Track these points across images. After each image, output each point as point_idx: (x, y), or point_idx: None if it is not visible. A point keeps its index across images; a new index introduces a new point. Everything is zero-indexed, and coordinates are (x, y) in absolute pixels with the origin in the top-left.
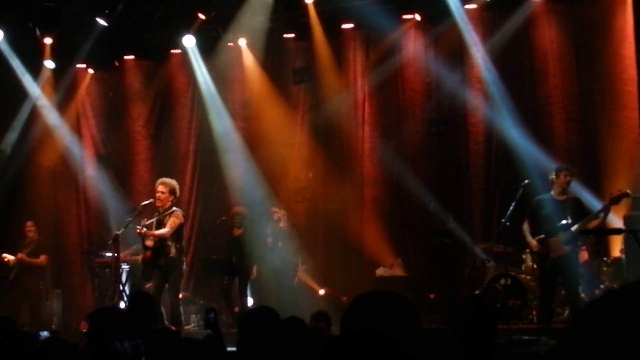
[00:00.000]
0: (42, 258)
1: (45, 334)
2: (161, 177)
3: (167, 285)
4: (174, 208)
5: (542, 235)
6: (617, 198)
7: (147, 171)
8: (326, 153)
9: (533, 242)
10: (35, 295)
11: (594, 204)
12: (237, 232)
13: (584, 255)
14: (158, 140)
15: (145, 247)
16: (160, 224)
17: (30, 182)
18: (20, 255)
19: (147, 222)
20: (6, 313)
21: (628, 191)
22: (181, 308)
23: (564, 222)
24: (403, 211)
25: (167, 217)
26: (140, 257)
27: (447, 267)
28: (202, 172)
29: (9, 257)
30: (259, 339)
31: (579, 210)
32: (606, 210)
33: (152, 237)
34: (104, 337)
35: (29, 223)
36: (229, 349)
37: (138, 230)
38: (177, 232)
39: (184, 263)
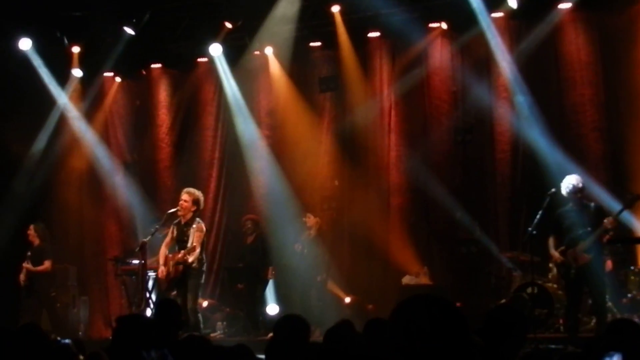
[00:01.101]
0: (46, 264)
1: (67, 342)
2: (185, 185)
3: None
4: (197, 220)
5: (563, 247)
6: (630, 201)
7: (170, 179)
8: (352, 161)
9: (555, 254)
10: (49, 301)
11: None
12: (249, 239)
13: (608, 264)
14: (182, 149)
15: (178, 263)
16: (183, 236)
17: (57, 189)
18: (25, 265)
19: (189, 247)
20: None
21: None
22: (199, 316)
23: (583, 230)
24: (429, 219)
25: (191, 230)
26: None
27: (473, 276)
28: (228, 180)
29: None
30: (290, 348)
31: (599, 218)
32: (619, 215)
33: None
34: (129, 344)
35: (31, 227)
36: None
37: (181, 255)
38: (202, 245)
39: (204, 273)
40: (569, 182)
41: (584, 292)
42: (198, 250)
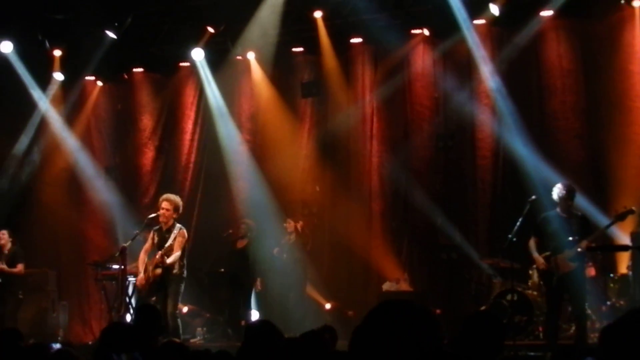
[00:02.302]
0: (19, 267)
1: (57, 346)
2: (164, 189)
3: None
4: (178, 225)
5: (549, 253)
6: (622, 215)
7: (151, 183)
8: (333, 167)
9: (540, 259)
10: (11, 303)
11: (601, 219)
12: (242, 243)
13: (591, 271)
14: (162, 153)
15: (156, 266)
16: (164, 241)
17: (38, 192)
18: (0, 266)
19: (166, 247)
20: None
21: (633, 208)
22: (179, 321)
23: (570, 238)
24: (410, 225)
25: (173, 236)
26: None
27: (453, 282)
28: (208, 184)
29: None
30: (261, 352)
31: (585, 227)
32: (608, 228)
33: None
34: (108, 350)
35: (3, 232)
36: None
37: (158, 257)
38: (183, 251)
39: (185, 279)
40: (563, 186)
41: (564, 299)
42: (178, 253)
